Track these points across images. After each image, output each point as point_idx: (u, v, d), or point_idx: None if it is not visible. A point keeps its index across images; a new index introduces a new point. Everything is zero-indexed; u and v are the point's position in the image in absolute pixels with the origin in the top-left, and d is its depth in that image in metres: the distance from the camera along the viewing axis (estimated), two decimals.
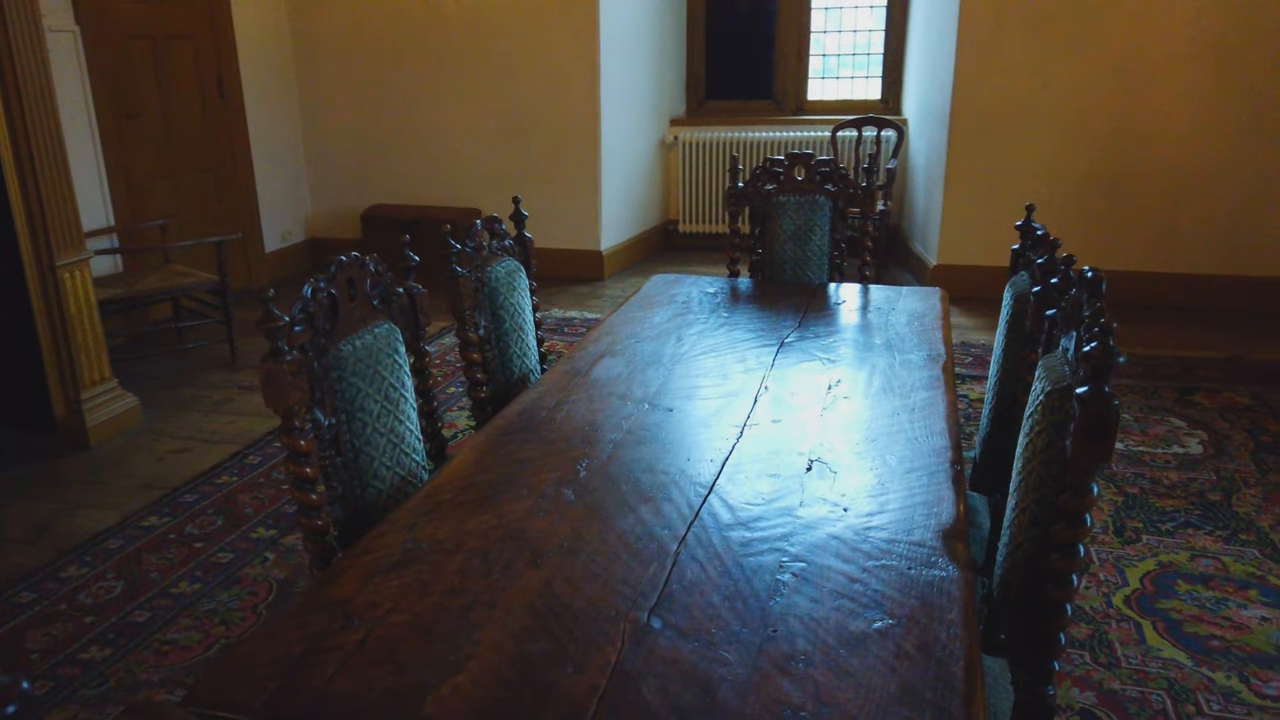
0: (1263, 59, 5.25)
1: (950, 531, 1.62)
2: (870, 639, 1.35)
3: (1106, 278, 1.60)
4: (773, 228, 3.29)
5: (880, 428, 2.04)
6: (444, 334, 5.58)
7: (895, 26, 6.92)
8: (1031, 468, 1.61)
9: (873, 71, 7.05)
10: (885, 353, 2.50)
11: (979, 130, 5.64)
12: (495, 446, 1.98)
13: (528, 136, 6.44)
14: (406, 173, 6.76)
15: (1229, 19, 5.23)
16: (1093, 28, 5.38)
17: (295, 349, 1.67)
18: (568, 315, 5.86)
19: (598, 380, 2.33)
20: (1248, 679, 2.59)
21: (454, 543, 1.62)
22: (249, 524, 3.52)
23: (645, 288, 3.12)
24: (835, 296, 3.03)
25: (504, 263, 2.57)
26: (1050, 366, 1.66)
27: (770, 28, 7.16)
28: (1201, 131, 5.43)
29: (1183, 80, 5.38)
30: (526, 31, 6.22)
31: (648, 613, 1.42)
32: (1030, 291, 2.08)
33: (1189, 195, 5.53)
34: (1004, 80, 5.56)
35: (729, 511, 1.71)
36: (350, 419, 1.83)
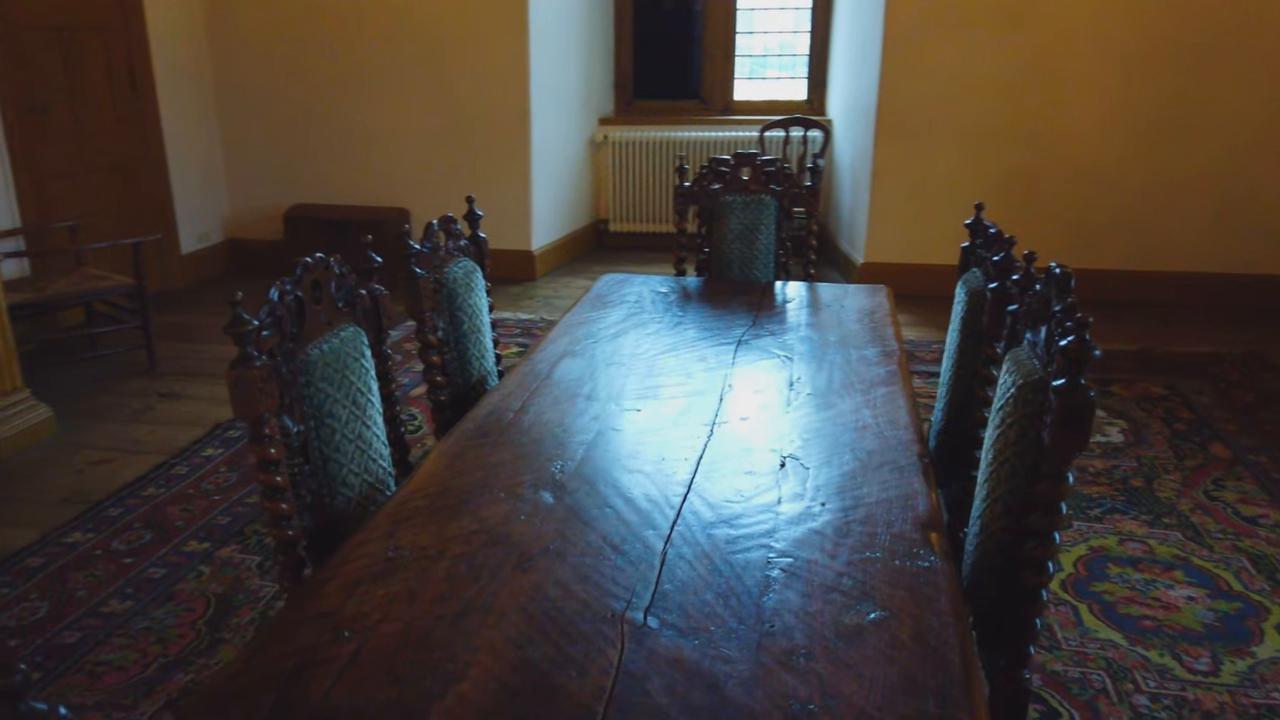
0: (1164, 64, 5.51)
1: (928, 523, 1.66)
2: (866, 631, 1.37)
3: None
4: (720, 227, 3.32)
5: (846, 423, 2.07)
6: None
7: (819, 28, 7.03)
8: (1004, 459, 1.66)
9: (798, 73, 7.16)
10: (840, 349, 2.54)
11: (903, 131, 5.78)
12: (466, 450, 1.95)
13: (457, 134, 6.36)
14: (331, 171, 6.61)
15: (1134, 26, 5.47)
16: (1011, 33, 5.57)
17: (263, 354, 1.62)
18: (501, 316, 5.81)
19: (560, 381, 2.32)
20: (1179, 656, 2.71)
21: (437, 549, 1.59)
22: (180, 537, 3.39)
23: (596, 287, 3.12)
24: (784, 294, 3.07)
25: (461, 263, 2.53)
26: (1019, 360, 1.71)
27: (697, 28, 7.21)
28: (1111, 132, 5.66)
29: (1094, 83, 5.60)
30: (455, 28, 6.14)
31: (643, 613, 1.42)
32: (987, 288, 2.14)
33: (1101, 193, 5.77)
34: (927, 82, 5.70)
35: (710, 509, 1.72)
36: (319, 425, 1.78)
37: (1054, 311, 1.59)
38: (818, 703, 1.23)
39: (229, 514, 3.55)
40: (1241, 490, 3.62)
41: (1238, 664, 2.68)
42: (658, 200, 7.24)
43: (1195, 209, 5.73)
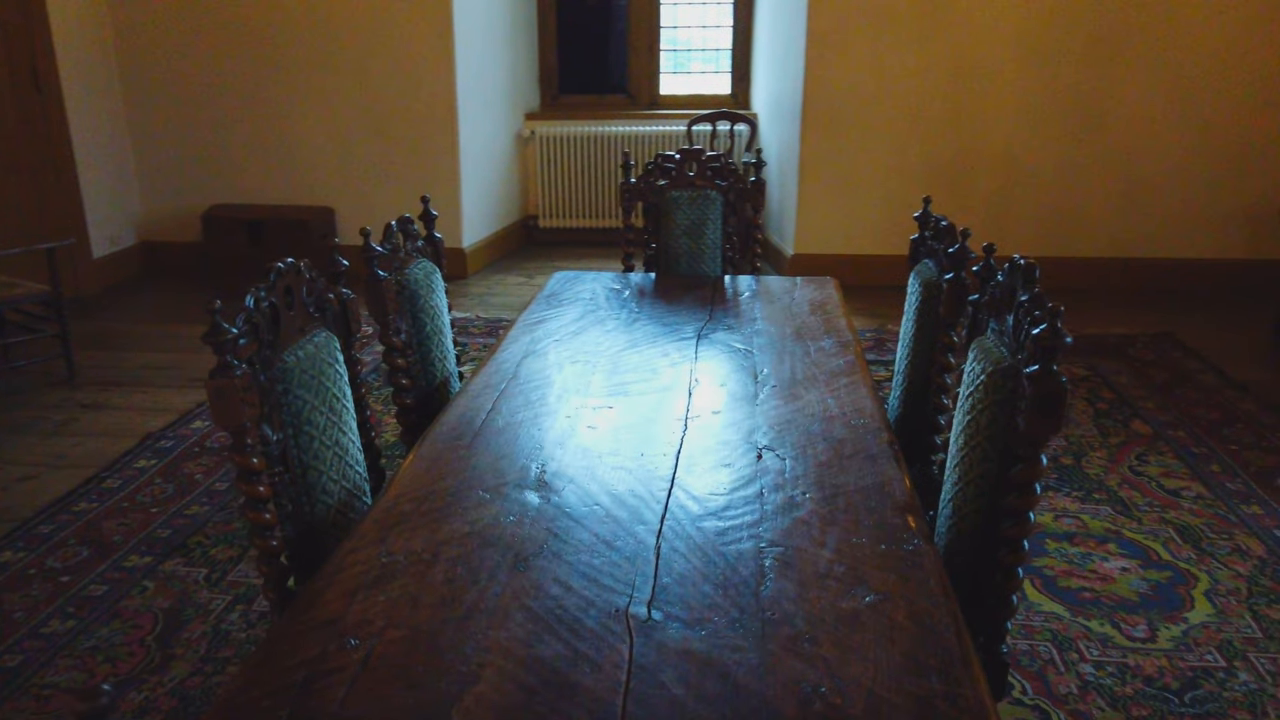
0: (1071, 60, 5.74)
1: (906, 508, 1.72)
2: (863, 614, 1.42)
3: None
4: (667, 223, 3.35)
5: (814, 414, 2.13)
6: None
7: (741, 23, 7.12)
8: (975, 443, 1.73)
9: (722, 67, 7.23)
10: (798, 341, 2.60)
11: (829, 124, 5.90)
12: (443, 454, 1.94)
13: (382, 131, 6.27)
14: (251, 170, 6.44)
15: (1042, 23, 5.69)
16: (931, 27, 5.73)
17: (242, 362, 1.59)
18: None
19: (528, 381, 2.33)
20: (1118, 625, 2.85)
21: (431, 553, 1.59)
22: (119, 553, 3.29)
23: (549, 285, 3.12)
24: (735, 288, 3.12)
25: (420, 264, 2.52)
26: (986, 349, 1.79)
27: (621, 23, 7.23)
28: (1025, 125, 5.88)
29: (1007, 78, 5.81)
30: (377, 22, 6.04)
31: (647, 607, 1.44)
32: (942, 279, 2.22)
33: (1017, 184, 5.98)
34: (850, 76, 5.83)
35: (696, 502, 1.75)
36: (297, 433, 1.75)
37: (1020, 301, 1.66)
38: (828, 685, 1.27)
39: (169, 527, 3.45)
40: (1164, 464, 3.81)
41: (1172, 629, 2.83)
42: (587, 195, 7.25)
43: (1103, 197, 5.99)
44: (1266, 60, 5.68)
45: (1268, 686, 2.59)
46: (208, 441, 4.11)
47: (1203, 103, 5.78)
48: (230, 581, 3.12)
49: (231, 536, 3.38)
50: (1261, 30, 5.63)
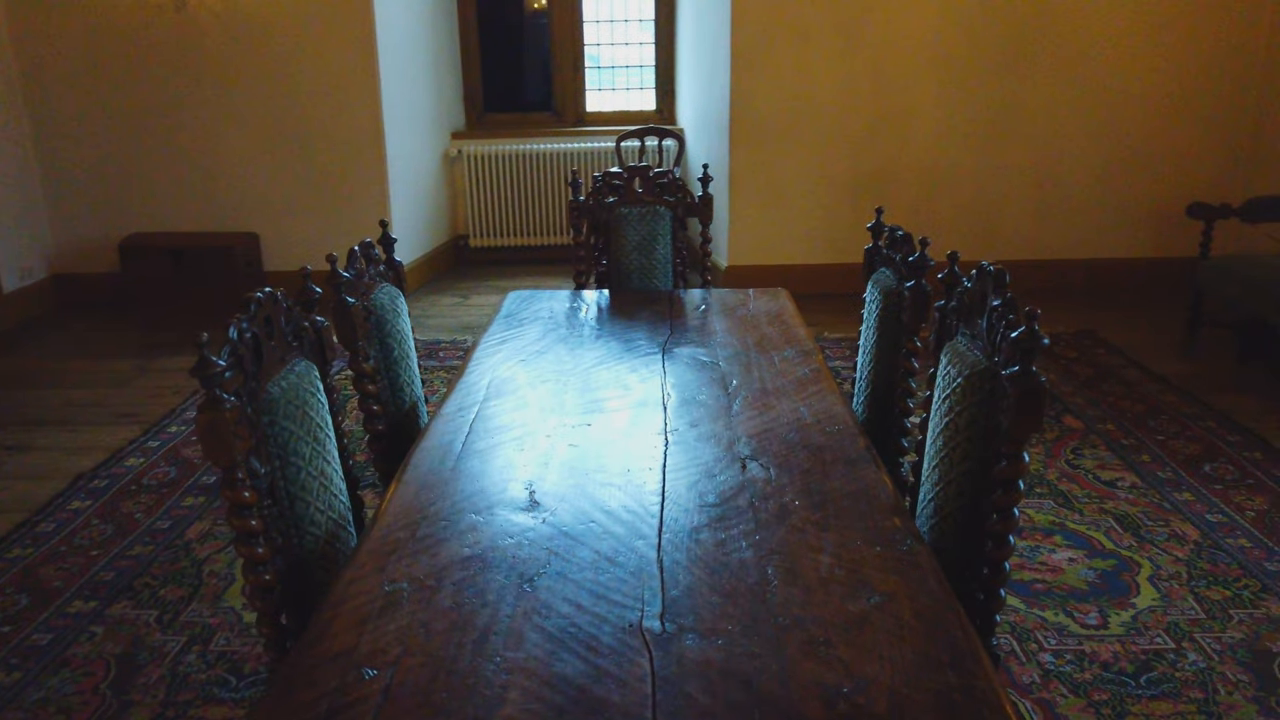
0: (986, 71, 5.97)
1: (894, 510, 1.77)
2: (871, 615, 1.46)
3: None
4: (617, 239, 3.38)
5: (789, 423, 2.17)
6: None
7: (664, 40, 7.21)
8: (955, 444, 1.79)
9: (646, 83, 7.31)
10: (762, 352, 2.65)
11: (756, 137, 6.01)
12: (428, 479, 1.93)
13: (307, 153, 6.16)
14: (170, 197, 6.26)
15: (957, 36, 5.90)
16: (850, 42, 5.90)
17: (230, 395, 1.56)
18: None
19: (502, 402, 2.32)
20: (1071, 614, 2.97)
21: (434, 578, 1.58)
22: (61, 598, 3.16)
23: (505, 305, 3.11)
24: (691, 302, 3.15)
25: (384, 289, 2.49)
26: (958, 352, 1.86)
27: (545, 41, 7.26)
28: (945, 134, 6.08)
29: (928, 89, 6.01)
30: (298, 42, 5.94)
31: (659, 620, 1.46)
32: (904, 286, 2.29)
33: (939, 191, 6.18)
34: (775, 90, 5.96)
35: (689, 515, 1.77)
36: (284, 465, 1.72)
37: (993, 305, 1.73)
38: (849, 686, 1.31)
39: (112, 569, 3.33)
40: (1098, 457, 3.98)
41: (1122, 615, 2.95)
42: (517, 214, 7.23)
43: (1019, 202, 6.23)
44: (1163, 69, 5.99)
45: (1215, 664, 2.72)
46: (144, 479, 3.98)
47: (1108, 110, 6.07)
48: (184, 622, 3.03)
49: (180, 576, 3.28)
50: (1158, 42, 5.94)
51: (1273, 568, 3.18)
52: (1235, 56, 5.96)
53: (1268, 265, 4.79)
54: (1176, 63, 5.98)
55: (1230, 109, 6.05)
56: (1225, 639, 2.84)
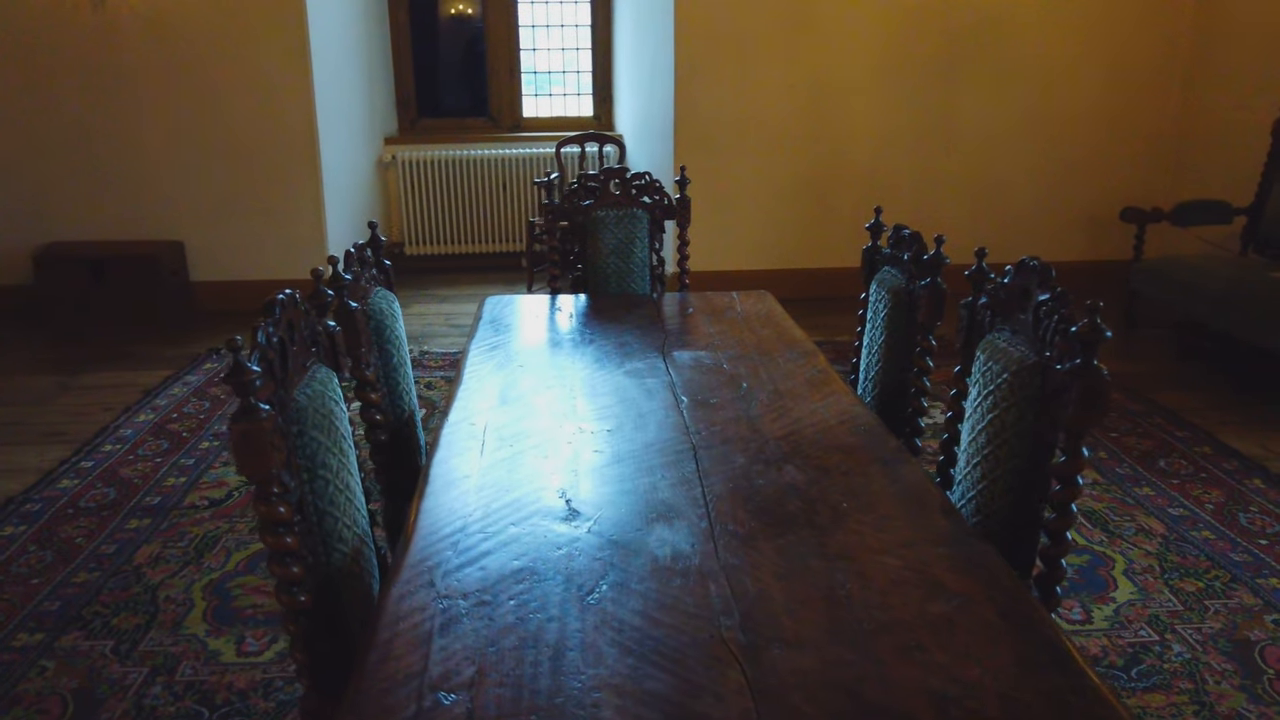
0: (926, 79, 6.09)
1: (945, 509, 1.75)
2: (956, 617, 1.42)
3: (815, 276, 1.79)
4: (594, 243, 3.30)
5: (814, 424, 2.13)
6: (170, 384, 4.95)
7: (601, 46, 7.16)
8: (1001, 440, 1.77)
9: (584, 89, 7.24)
10: (763, 353, 2.61)
11: (701, 143, 6.01)
12: (457, 492, 1.82)
13: (236, 158, 5.91)
14: (91, 204, 5.93)
15: (895, 44, 6.01)
16: (793, 49, 5.94)
17: (264, 404, 1.44)
18: None
19: (509, 410, 2.22)
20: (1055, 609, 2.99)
21: (489, 593, 1.49)
22: (3, 631, 2.93)
23: (485, 312, 3.00)
24: (676, 305, 3.10)
25: (380, 293, 2.37)
26: (998, 348, 1.84)
27: (479, 46, 7.13)
28: (886, 140, 6.18)
29: (868, 96, 6.09)
30: (226, 42, 5.70)
31: (740, 631, 1.40)
32: (916, 285, 2.28)
33: (880, 196, 6.25)
34: (720, 96, 5.97)
35: (739, 522, 1.71)
36: (312, 477, 1.60)
37: (1039, 301, 1.72)
38: (954, 691, 1.27)
39: (57, 598, 3.10)
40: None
41: (1104, 609, 3.00)
42: (455, 220, 7.08)
43: (957, 206, 6.36)
44: (1092, 80, 6.20)
45: (1200, 655, 2.78)
46: (81, 501, 3.73)
47: (1041, 119, 6.25)
48: (143, 652, 2.83)
49: (134, 603, 3.07)
50: (1087, 53, 6.15)
51: (1238, 558, 3.28)
52: (1158, 69, 6.21)
53: (1198, 268, 4.99)
54: (1105, 74, 6.20)
55: (1155, 118, 6.29)
56: (1205, 630, 2.90)
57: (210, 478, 3.94)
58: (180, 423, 4.48)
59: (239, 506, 3.70)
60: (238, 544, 3.44)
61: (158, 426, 4.42)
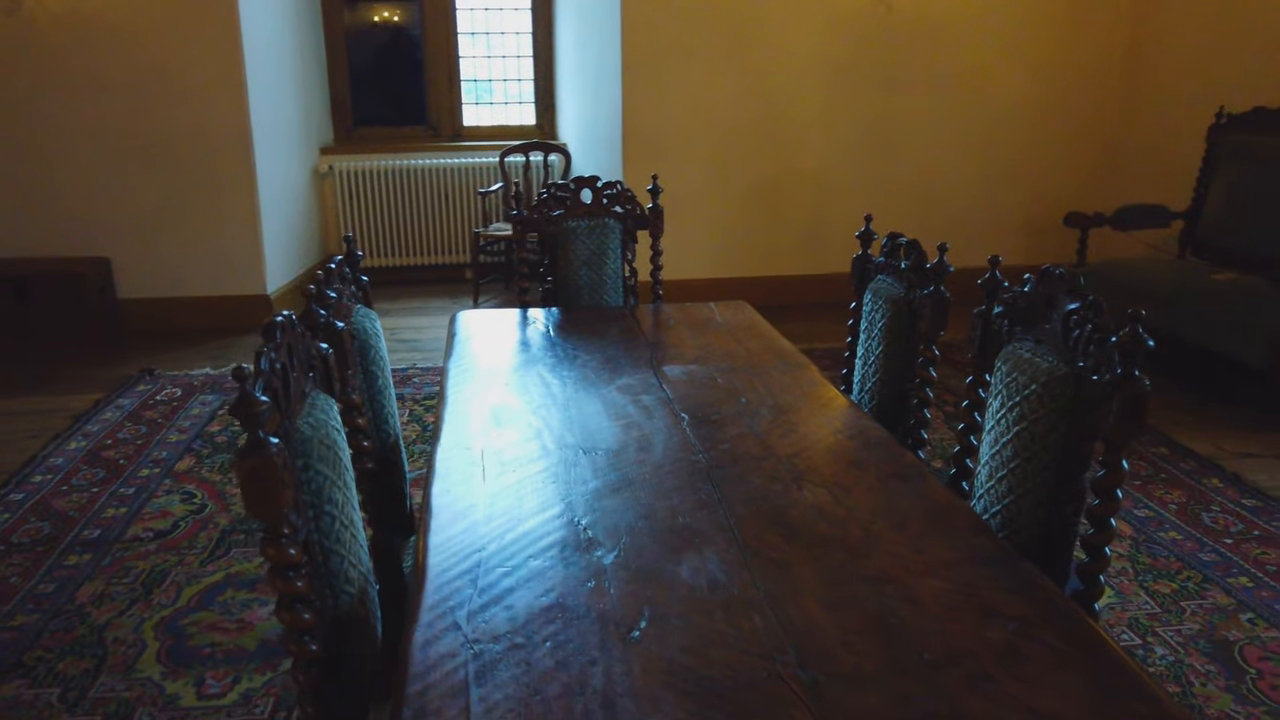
0: (870, 86, 6.13)
1: (975, 526, 1.69)
2: (1018, 644, 1.36)
3: (767, 284, 1.75)
4: (564, 254, 3.19)
5: (822, 440, 2.07)
6: (102, 408, 4.68)
7: (542, 53, 7.05)
8: (1031, 453, 1.73)
9: (525, 97, 7.12)
10: (755, 366, 2.54)
11: (650, 151, 5.94)
12: (464, 523, 1.71)
13: (167, 170, 5.64)
14: (9, 220, 5.59)
15: (842, 52, 6.03)
16: (739, 56, 5.92)
17: (272, 436, 1.31)
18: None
19: (504, 433, 2.11)
20: None
21: (521, 634, 1.38)
22: None
23: (458, 329, 2.87)
24: (655, 318, 3.02)
25: (361, 311, 2.23)
26: (1022, 359, 1.80)
27: (417, 53, 6.96)
28: (834, 146, 6.20)
29: (816, 103, 6.10)
30: (154, 49, 5.43)
31: (797, 666, 1.32)
32: (918, 294, 2.23)
33: (829, 202, 6.29)
34: (668, 103, 5.91)
35: (773, 547, 1.63)
36: (318, 515, 1.47)
37: (1070, 310, 1.69)
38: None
39: None
40: None
41: None
42: (395, 231, 6.89)
43: (903, 212, 6.40)
44: (1031, 87, 6.31)
45: (1183, 657, 2.80)
46: (13, 537, 3.49)
47: (982, 125, 6.34)
48: (95, 699, 2.64)
49: (79, 646, 2.86)
50: (1025, 61, 6.26)
51: (1206, 558, 3.32)
52: (1095, 77, 6.35)
53: (1142, 272, 5.10)
54: (1043, 82, 6.31)
55: (1092, 123, 6.43)
56: (1185, 631, 2.92)
57: (153, 507, 3.72)
58: (116, 449, 4.23)
59: (187, 537, 3.50)
60: (189, 578, 3.24)
61: (91, 454, 4.16)
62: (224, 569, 3.30)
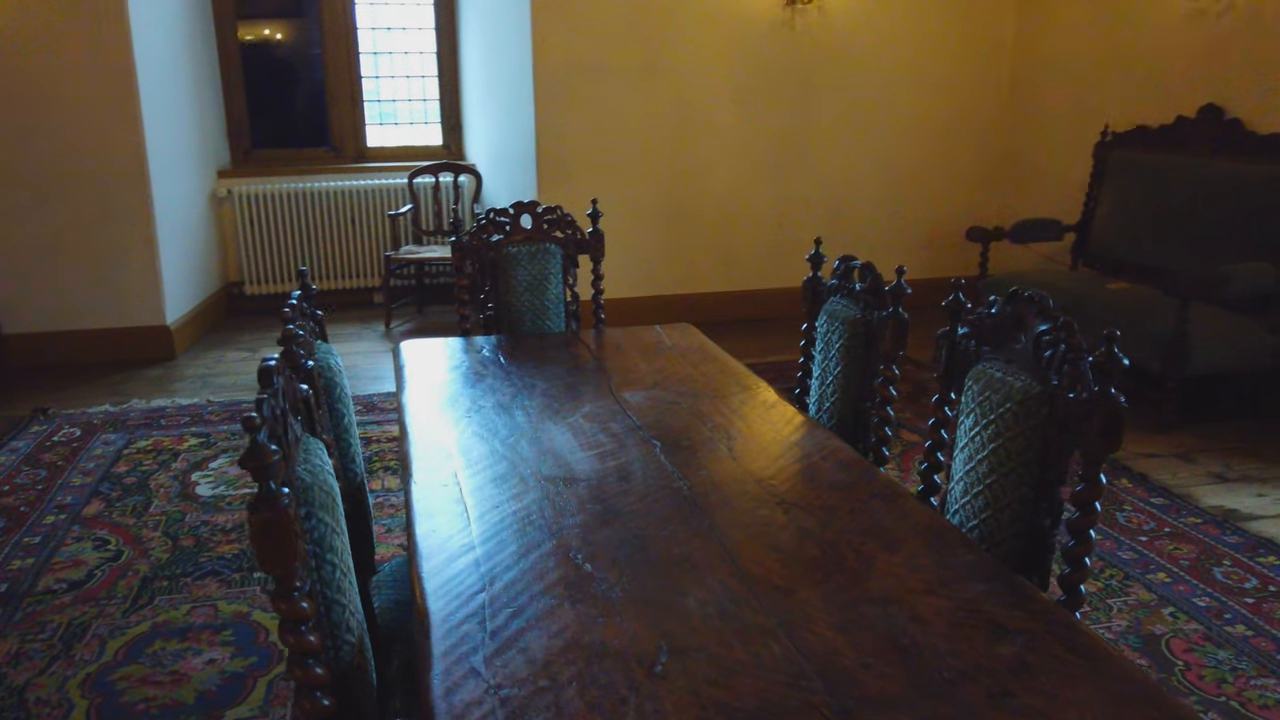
0: (778, 104, 6.28)
1: (962, 542, 1.74)
2: (1029, 658, 1.41)
3: (684, 302, 1.82)
4: (506, 280, 3.16)
5: (797, 460, 2.10)
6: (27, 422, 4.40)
7: (447, 73, 6.98)
8: (1008, 469, 1.80)
9: (431, 118, 7.03)
10: (714, 389, 2.56)
11: (564, 172, 5.94)
12: (457, 564, 1.67)
13: (56, 197, 5.34)
14: None
15: (752, 71, 6.17)
16: (650, 76, 5.99)
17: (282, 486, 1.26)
18: (154, 405, 4.97)
19: (478, 468, 2.07)
20: None
21: (545, 676, 1.36)
22: None
23: (406, 361, 2.80)
24: (602, 341, 3.01)
25: (322, 347, 2.15)
26: (994, 379, 1.87)
27: (317, 73, 6.79)
28: (744, 164, 6.32)
29: (727, 122, 6.21)
30: (38, 69, 5.15)
31: (826, 694, 1.33)
32: (876, 315, 2.30)
33: (739, 221, 6.40)
34: (581, 125, 5.93)
35: (774, 573, 1.65)
36: (320, 564, 1.42)
37: (1041, 331, 1.76)
38: None
39: None
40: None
41: None
42: (300, 257, 6.69)
43: (812, 228, 6.54)
44: (928, 106, 6.57)
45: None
46: None
47: (885, 143, 6.56)
48: None
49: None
50: (922, 80, 6.51)
51: (1125, 556, 3.50)
52: (988, 98, 6.66)
53: (1041, 282, 5.35)
54: (941, 103, 6.58)
55: (988, 142, 6.73)
56: (1114, 628, 3.07)
57: (63, 556, 3.51)
58: (15, 496, 3.97)
59: (105, 586, 3.31)
60: (112, 630, 3.06)
61: None
62: (149, 619, 3.14)
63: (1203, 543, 3.55)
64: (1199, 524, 3.69)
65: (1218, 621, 3.06)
